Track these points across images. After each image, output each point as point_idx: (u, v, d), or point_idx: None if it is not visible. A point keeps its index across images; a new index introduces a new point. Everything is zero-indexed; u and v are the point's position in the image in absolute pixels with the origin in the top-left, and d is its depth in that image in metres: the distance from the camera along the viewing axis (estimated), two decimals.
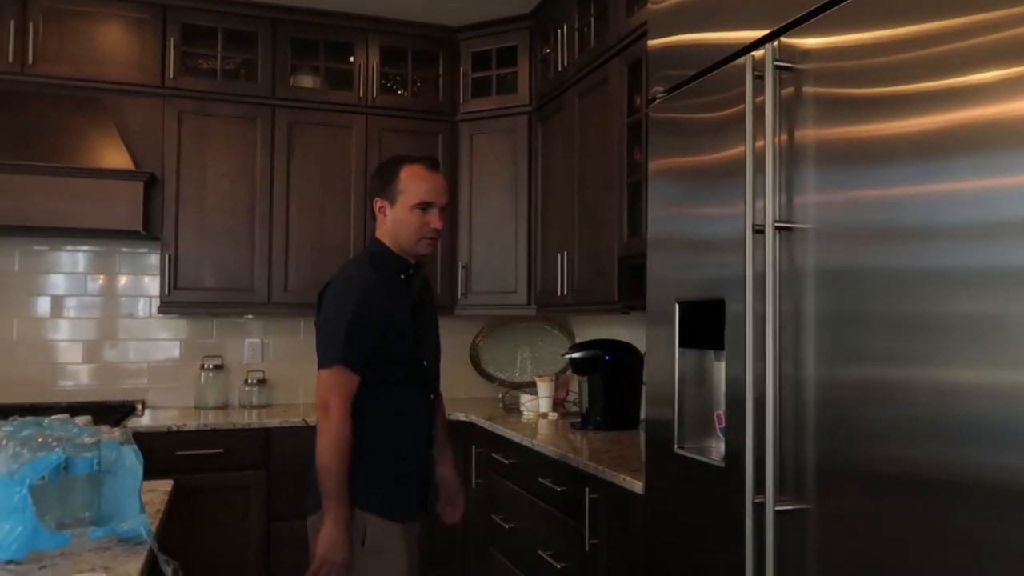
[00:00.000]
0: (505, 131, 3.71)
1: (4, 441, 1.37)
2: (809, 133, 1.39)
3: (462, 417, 3.45)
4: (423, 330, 2.10)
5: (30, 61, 3.26)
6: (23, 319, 3.52)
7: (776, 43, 1.45)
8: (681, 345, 1.76)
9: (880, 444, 1.21)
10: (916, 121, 1.17)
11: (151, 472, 3.05)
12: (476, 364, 4.04)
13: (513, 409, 3.59)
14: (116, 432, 1.52)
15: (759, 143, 1.45)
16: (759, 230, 1.42)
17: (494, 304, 3.76)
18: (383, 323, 1.94)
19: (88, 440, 1.49)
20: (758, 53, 1.47)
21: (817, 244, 1.36)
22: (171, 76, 3.42)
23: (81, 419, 1.65)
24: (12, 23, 3.23)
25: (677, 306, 1.76)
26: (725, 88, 1.61)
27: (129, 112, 3.39)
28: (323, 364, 1.93)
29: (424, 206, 2.01)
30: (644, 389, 2.99)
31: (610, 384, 2.90)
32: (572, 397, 3.67)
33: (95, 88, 3.35)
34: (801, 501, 1.37)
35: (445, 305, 3.79)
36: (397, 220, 2.03)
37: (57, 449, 1.38)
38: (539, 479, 2.56)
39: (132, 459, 1.49)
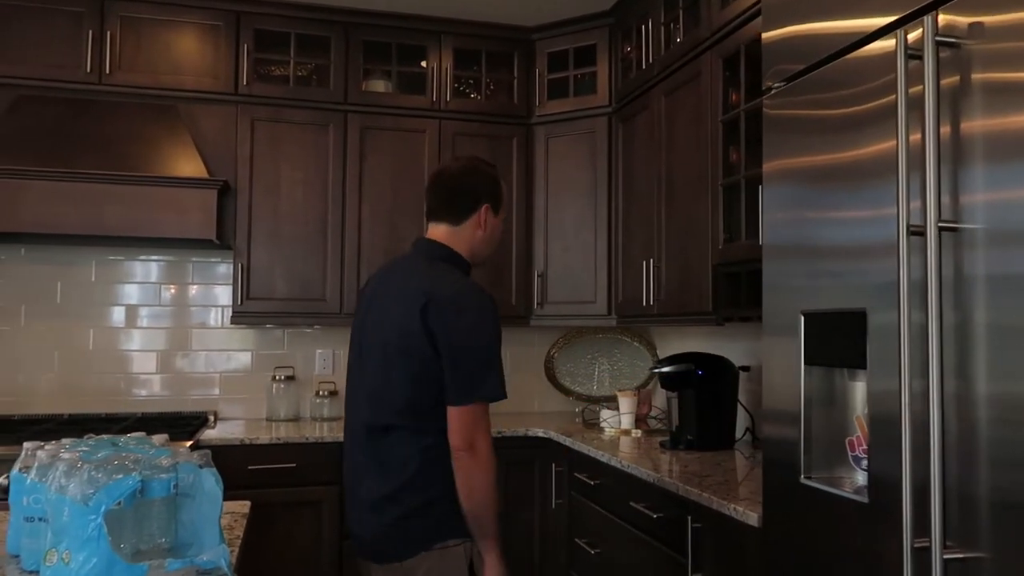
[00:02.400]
0: (583, 133, 3.55)
1: (80, 464, 1.27)
2: (976, 124, 1.20)
3: (540, 432, 3.29)
4: None
5: (107, 71, 3.24)
6: (99, 328, 3.51)
7: (933, 17, 1.26)
8: (807, 362, 1.58)
9: None
10: None
11: (224, 487, 3.00)
12: (551, 377, 3.88)
13: (593, 424, 3.42)
14: (194, 454, 1.41)
15: (914, 136, 1.26)
16: (916, 231, 1.24)
17: (571, 314, 3.60)
18: None
19: (166, 462, 1.38)
20: (912, 34, 1.28)
21: (991, 245, 1.16)
22: (244, 83, 3.37)
23: (158, 438, 1.55)
24: (90, 33, 3.22)
25: (802, 318, 1.58)
26: (865, 76, 1.43)
27: (203, 120, 3.35)
28: (469, 399, 1.70)
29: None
30: (740, 407, 2.79)
31: (703, 401, 2.71)
32: (655, 413, 3.48)
33: (170, 96, 3.31)
34: (973, 547, 1.17)
35: (520, 315, 3.65)
36: (494, 230, 1.92)
37: (134, 473, 1.28)
38: (631, 503, 2.38)
39: (212, 483, 1.38)
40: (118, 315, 3.54)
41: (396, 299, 1.79)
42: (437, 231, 1.88)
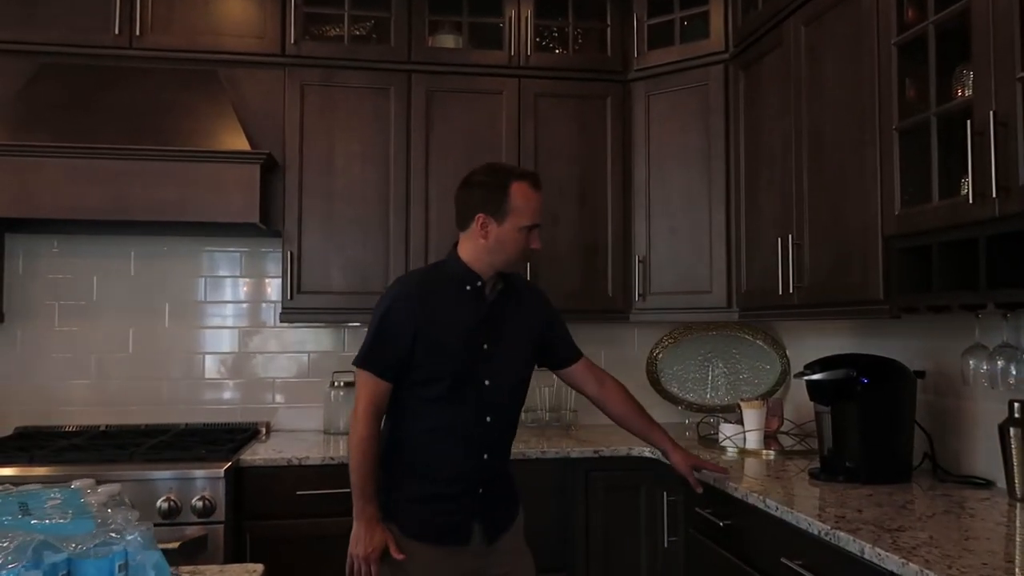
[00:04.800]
0: (693, 87, 2.92)
1: None
2: None
3: (646, 451, 2.69)
4: (493, 346, 1.92)
5: (138, 32, 2.82)
6: (139, 329, 3.11)
7: None
8: None
9: None
10: None
11: (268, 515, 2.53)
12: (655, 382, 3.27)
13: (710, 441, 2.79)
14: (138, 527, 0.89)
15: None
16: None
17: (681, 308, 2.97)
18: (410, 336, 1.84)
19: (92, 540, 0.86)
20: None
21: None
22: (292, 42, 2.90)
23: (105, 489, 1.04)
24: None
25: None
26: None
27: (246, 86, 2.89)
28: (356, 362, 1.91)
29: (531, 228, 1.91)
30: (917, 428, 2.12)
31: (870, 418, 2.05)
32: (787, 428, 2.83)
33: (209, 60, 2.87)
34: None
35: (619, 310, 3.05)
36: (501, 240, 1.89)
37: (13, 568, 0.76)
38: (783, 559, 1.76)
39: None
40: (160, 314, 3.13)
41: None
42: (460, 237, 1.98)
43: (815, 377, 2.13)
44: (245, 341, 3.18)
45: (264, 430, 3.08)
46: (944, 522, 1.66)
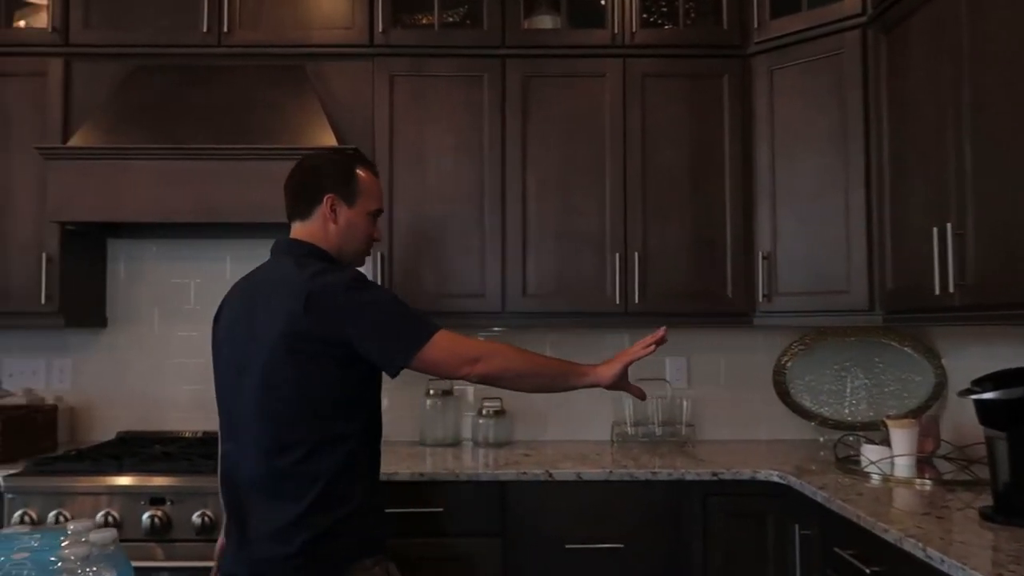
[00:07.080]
0: (824, 57, 2.55)
1: None
2: None
3: (774, 476, 2.35)
4: None
5: (226, 29, 2.75)
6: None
7: None
8: None
9: None
10: None
11: None
12: (784, 394, 2.91)
13: (851, 464, 2.41)
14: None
15: None
16: None
17: (814, 310, 2.60)
18: None
19: None
20: None
21: None
22: (380, 30, 2.74)
23: (98, 537, 0.86)
24: None
25: None
26: None
27: (334, 80, 2.76)
28: (417, 344, 1.60)
29: (377, 214, 1.83)
30: None
31: None
32: (944, 450, 2.41)
33: (297, 55, 2.76)
34: None
35: (740, 312, 2.72)
36: (351, 224, 1.77)
37: None
38: None
39: None
40: None
41: (269, 306, 1.64)
42: (294, 230, 1.79)
43: (987, 396, 1.74)
44: None
45: None
46: None
